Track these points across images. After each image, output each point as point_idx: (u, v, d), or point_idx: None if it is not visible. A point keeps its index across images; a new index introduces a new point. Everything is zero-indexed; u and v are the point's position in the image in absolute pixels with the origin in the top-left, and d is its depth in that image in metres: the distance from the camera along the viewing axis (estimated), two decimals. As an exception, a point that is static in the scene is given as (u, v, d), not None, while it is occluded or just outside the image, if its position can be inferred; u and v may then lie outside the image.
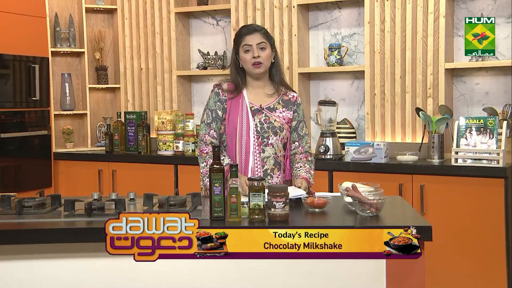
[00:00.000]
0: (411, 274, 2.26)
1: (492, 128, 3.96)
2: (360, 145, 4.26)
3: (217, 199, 2.38)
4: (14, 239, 2.33)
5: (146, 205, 2.61)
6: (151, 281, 2.37)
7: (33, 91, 4.99)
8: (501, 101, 4.28)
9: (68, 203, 2.51)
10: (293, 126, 3.12)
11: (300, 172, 3.01)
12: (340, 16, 4.80)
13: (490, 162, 3.91)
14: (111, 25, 5.57)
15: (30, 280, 2.37)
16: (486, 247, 3.88)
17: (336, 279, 2.31)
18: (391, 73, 4.45)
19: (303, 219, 2.46)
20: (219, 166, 2.39)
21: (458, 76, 4.43)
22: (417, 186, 4.04)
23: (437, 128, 4.17)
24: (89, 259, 2.37)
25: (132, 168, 5.02)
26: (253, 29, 3.07)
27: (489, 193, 3.85)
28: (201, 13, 5.30)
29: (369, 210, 2.40)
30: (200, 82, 5.41)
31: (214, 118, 3.10)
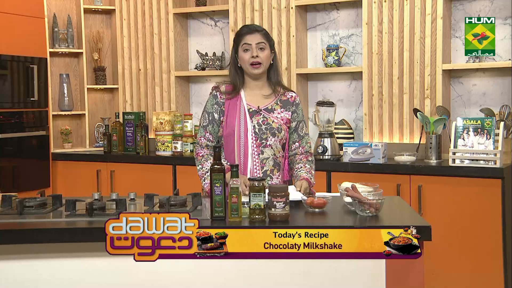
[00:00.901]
0: (411, 274, 2.28)
1: (489, 129, 3.98)
2: (358, 145, 4.28)
3: (217, 199, 2.39)
4: (15, 239, 2.33)
5: (147, 205, 2.62)
6: (151, 281, 2.38)
7: (31, 91, 5.00)
8: (498, 102, 4.31)
9: (69, 203, 2.52)
10: (293, 127, 3.13)
11: (300, 172, 3.02)
12: (338, 17, 4.82)
13: (488, 162, 3.93)
14: (109, 26, 5.58)
15: (31, 280, 2.38)
16: (484, 247, 3.90)
17: (336, 279, 2.32)
18: (389, 74, 4.47)
19: (303, 219, 2.48)
20: (220, 166, 2.41)
21: (456, 77, 4.46)
22: (414, 186, 4.06)
23: (434, 128, 4.19)
24: (90, 259, 2.38)
25: (130, 168, 5.02)
26: (254, 29, 3.09)
27: (487, 194, 3.87)
28: (199, 14, 5.32)
29: (368, 210, 2.41)
30: (198, 82, 5.42)
31: (211, 121, 3.11)
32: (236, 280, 2.37)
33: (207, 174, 3.03)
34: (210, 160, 3.05)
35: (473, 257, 3.93)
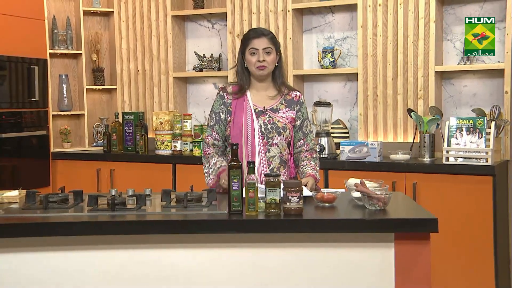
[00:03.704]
0: (419, 262, 2.42)
1: (481, 128, 4.16)
2: (355, 144, 4.43)
3: (235, 194, 2.52)
4: (45, 231, 2.46)
5: (164, 201, 2.74)
6: (175, 273, 2.50)
7: (32, 92, 5.08)
8: (487, 102, 4.49)
9: (91, 198, 2.64)
10: (298, 125, 3.26)
11: (306, 169, 3.16)
12: (333, 20, 4.98)
13: (479, 160, 4.11)
14: (107, 28, 5.68)
15: (60, 271, 2.49)
16: (476, 242, 4.07)
17: (345, 268, 2.46)
18: (383, 75, 4.63)
19: (315, 212, 2.62)
20: (237, 163, 2.54)
21: (447, 78, 4.63)
22: (409, 183, 4.22)
23: (428, 128, 4.36)
24: (115, 251, 2.50)
25: (130, 167, 5.13)
26: (261, 33, 3.21)
27: (479, 190, 4.04)
28: (197, 16, 5.43)
29: (377, 204, 2.56)
30: (196, 83, 5.54)
31: (217, 120, 3.24)
32: (248, 269, 2.49)
33: (211, 170, 3.17)
34: (215, 158, 3.19)
35: (466, 251, 4.10)
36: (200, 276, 2.50)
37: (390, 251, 2.43)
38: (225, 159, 3.24)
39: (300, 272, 2.48)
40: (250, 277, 2.49)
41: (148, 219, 2.52)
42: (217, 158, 3.21)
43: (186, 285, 2.50)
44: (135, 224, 2.49)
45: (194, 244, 2.49)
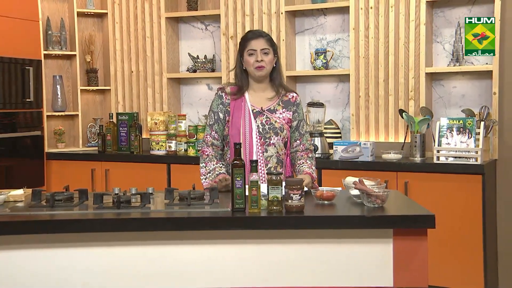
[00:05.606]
0: (416, 257, 2.51)
1: (470, 128, 4.26)
2: (348, 144, 4.52)
3: (238, 192, 2.59)
4: (52, 229, 2.52)
5: (167, 199, 2.81)
6: (177, 269, 2.56)
7: (27, 92, 5.11)
8: (476, 103, 4.60)
9: (97, 196, 2.70)
10: (294, 126, 3.34)
11: (303, 167, 3.24)
12: (325, 22, 5.07)
13: (469, 159, 4.22)
14: (101, 29, 5.72)
15: (67, 267, 2.55)
16: (465, 239, 4.18)
17: (345, 263, 2.54)
18: (375, 76, 4.73)
19: (315, 210, 2.69)
20: (240, 161, 2.61)
21: (437, 79, 4.74)
22: (401, 182, 4.31)
23: (419, 128, 4.46)
24: (119, 248, 2.56)
25: (125, 167, 5.18)
26: (259, 34, 3.29)
27: (469, 189, 4.15)
28: (190, 18, 5.50)
29: (375, 202, 2.64)
30: (189, 84, 5.61)
31: (216, 120, 3.31)
32: (251, 265, 2.56)
33: (209, 174, 3.23)
34: (214, 162, 3.26)
35: (456, 248, 4.21)
36: (204, 272, 2.57)
37: (388, 247, 2.51)
38: (224, 164, 3.30)
39: (301, 267, 2.55)
40: (253, 273, 2.56)
41: (152, 216, 2.59)
42: (216, 164, 3.27)
43: (191, 281, 2.56)
44: (140, 221, 2.55)
45: (198, 241, 2.56)
